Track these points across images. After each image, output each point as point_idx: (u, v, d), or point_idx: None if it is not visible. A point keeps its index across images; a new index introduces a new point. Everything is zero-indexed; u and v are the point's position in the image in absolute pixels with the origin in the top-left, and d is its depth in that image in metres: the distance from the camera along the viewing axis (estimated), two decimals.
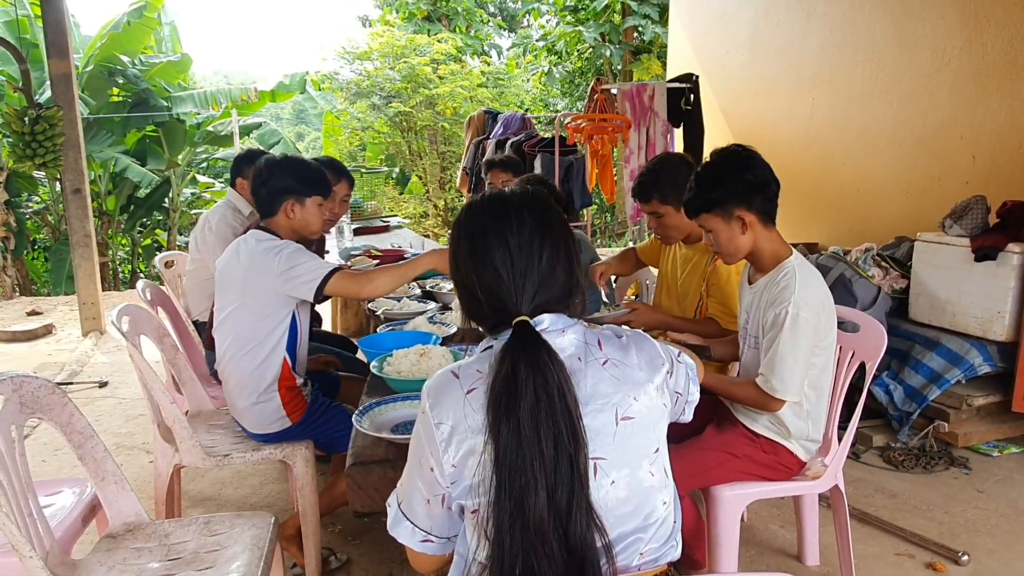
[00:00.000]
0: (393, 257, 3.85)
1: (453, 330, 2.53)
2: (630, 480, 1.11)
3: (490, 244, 1.14)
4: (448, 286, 3.17)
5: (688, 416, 1.29)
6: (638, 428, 1.12)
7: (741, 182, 1.94)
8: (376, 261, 3.54)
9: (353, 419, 1.77)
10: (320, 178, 2.39)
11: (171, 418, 2.28)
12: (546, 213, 1.18)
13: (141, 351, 2.28)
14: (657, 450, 1.15)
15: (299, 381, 2.38)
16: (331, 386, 2.69)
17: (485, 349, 1.16)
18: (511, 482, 1.02)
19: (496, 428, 1.04)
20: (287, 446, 2.37)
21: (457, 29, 15.94)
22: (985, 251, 3.32)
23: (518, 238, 1.14)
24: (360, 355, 2.93)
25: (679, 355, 1.27)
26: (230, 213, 3.29)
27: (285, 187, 2.31)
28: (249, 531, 1.92)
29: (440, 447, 1.08)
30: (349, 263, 3.12)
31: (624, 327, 1.25)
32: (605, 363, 1.13)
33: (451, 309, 2.88)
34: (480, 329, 1.22)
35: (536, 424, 1.03)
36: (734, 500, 2.08)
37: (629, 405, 1.11)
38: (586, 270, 3.10)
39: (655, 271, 3.53)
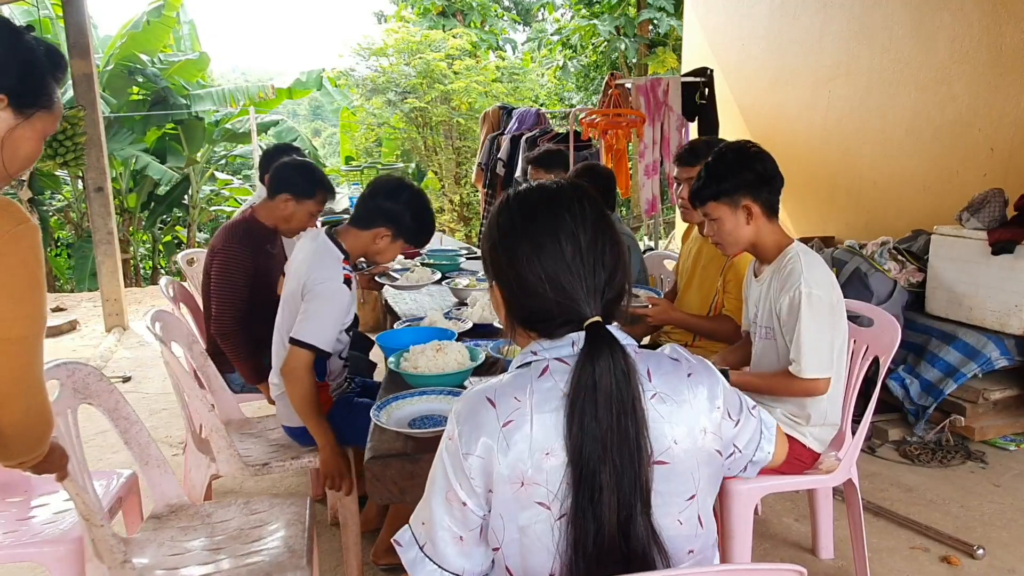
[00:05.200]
0: (405, 251, 3.95)
1: (469, 326, 2.57)
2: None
3: (560, 238, 1.05)
4: (464, 282, 3.20)
5: (750, 473, 1.19)
6: (671, 473, 1.03)
7: (751, 172, 2.02)
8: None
9: (371, 413, 1.80)
10: (428, 237, 2.46)
11: (209, 427, 2.24)
12: (599, 205, 1.11)
13: (176, 358, 2.30)
14: (692, 497, 1.05)
15: (332, 386, 2.39)
16: (371, 391, 2.67)
17: (521, 366, 1.07)
18: (590, 498, 0.98)
19: (577, 443, 0.97)
20: None
21: (472, 24, 15.94)
22: (1003, 244, 3.30)
23: (583, 232, 1.06)
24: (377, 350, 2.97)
25: (754, 407, 1.17)
26: None
27: (385, 210, 2.26)
28: (289, 508, 2.01)
29: (471, 480, 1.00)
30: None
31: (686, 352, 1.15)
32: (652, 396, 1.04)
33: (467, 305, 2.91)
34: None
35: (614, 432, 0.98)
36: (747, 493, 2.10)
37: (667, 448, 1.03)
38: (637, 273, 3.16)
39: (669, 265, 3.55)
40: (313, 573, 1.79)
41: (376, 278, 3.15)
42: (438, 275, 3.32)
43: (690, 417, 1.05)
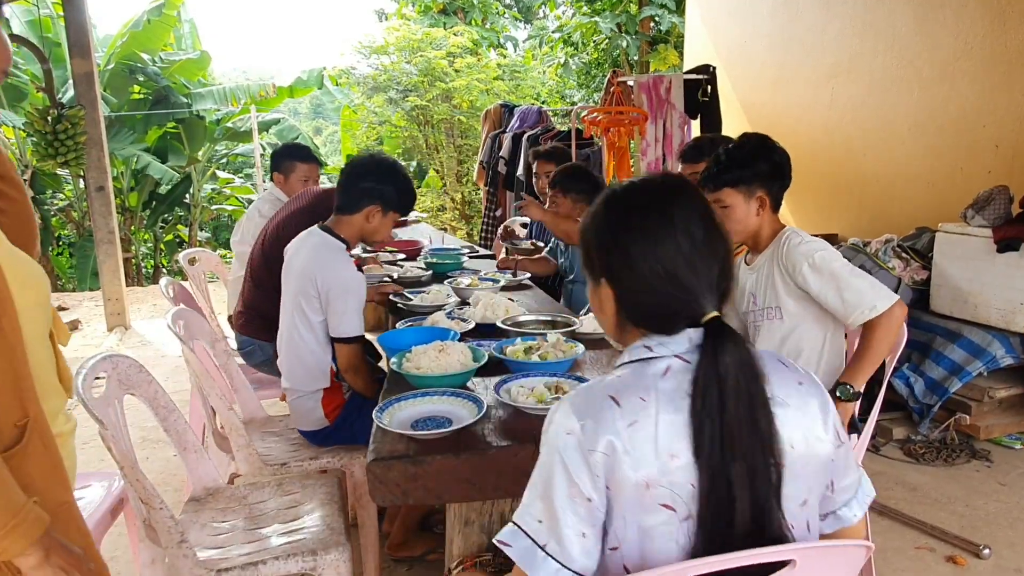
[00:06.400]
0: (408, 248, 3.97)
1: (472, 325, 2.55)
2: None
3: (676, 232, 1.03)
4: (466, 281, 3.18)
5: (826, 526, 1.11)
6: (787, 477, 1.01)
7: (770, 164, 2.05)
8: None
9: (373, 415, 1.79)
10: (412, 200, 2.46)
11: (229, 425, 2.25)
12: (703, 198, 1.10)
13: (197, 355, 2.29)
14: (804, 503, 1.03)
15: (344, 387, 2.41)
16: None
17: (635, 361, 1.06)
18: (721, 497, 0.96)
19: (704, 441, 0.96)
20: (345, 454, 2.36)
21: (473, 22, 15.91)
22: (1008, 242, 3.28)
23: (696, 226, 1.04)
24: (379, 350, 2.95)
25: (858, 467, 1.14)
26: (278, 203, 3.51)
27: (366, 189, 2.32)
28: (321, 488, 2.09)
29: (596, 478, 0.97)
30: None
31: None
32: (770, 398, 1.02)
33: (469, 304, 2.89)
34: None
35: (744, 425, 0.96)
36: None
37: (785, 452, 1.01)
38: None
39: None
40: (352, 549, 1.84)
41: (391, 297, 3.10)
42: (454, 298, 3.03)
43: (804, 423, 1.04)
